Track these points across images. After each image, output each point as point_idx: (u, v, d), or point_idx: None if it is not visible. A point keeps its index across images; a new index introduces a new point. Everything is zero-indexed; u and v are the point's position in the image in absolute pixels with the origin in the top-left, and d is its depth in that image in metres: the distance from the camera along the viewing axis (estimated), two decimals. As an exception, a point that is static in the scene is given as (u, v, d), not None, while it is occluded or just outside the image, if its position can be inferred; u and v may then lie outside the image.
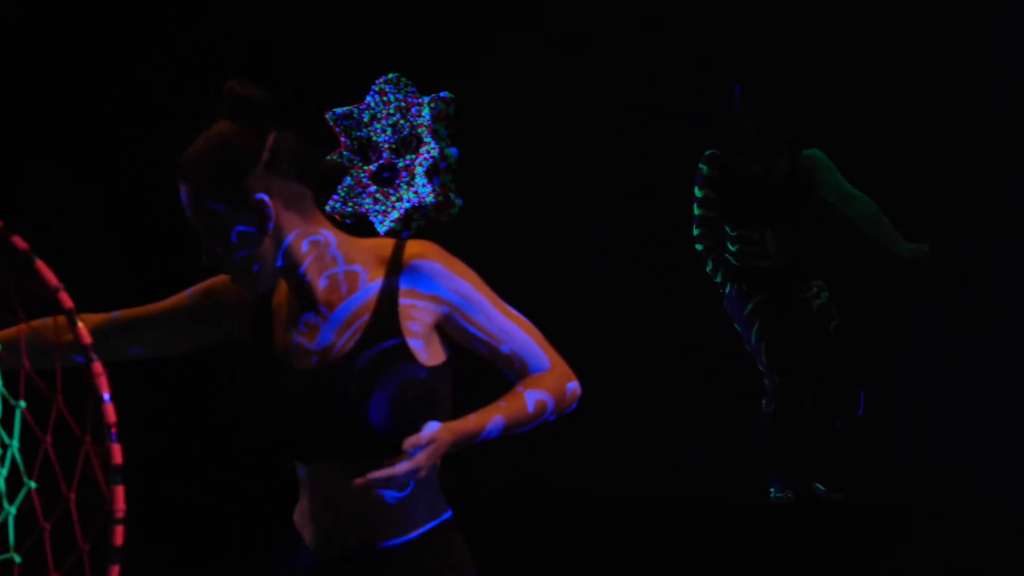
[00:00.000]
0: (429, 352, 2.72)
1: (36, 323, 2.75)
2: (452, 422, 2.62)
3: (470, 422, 2.63)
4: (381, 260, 2.73)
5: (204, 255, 2.73)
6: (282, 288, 2.81)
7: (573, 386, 2.77)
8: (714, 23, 7.04)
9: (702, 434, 6.96)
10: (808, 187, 6.13)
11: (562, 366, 2.77)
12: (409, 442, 2.55)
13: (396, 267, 2.71)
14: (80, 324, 2.39)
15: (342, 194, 6.74)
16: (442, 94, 6.61)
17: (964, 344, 6.82)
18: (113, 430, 2.35)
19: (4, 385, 2.49)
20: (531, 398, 2.69)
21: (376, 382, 2.67)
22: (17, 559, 2.50)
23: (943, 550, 5.39)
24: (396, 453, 2.58)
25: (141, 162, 6.71)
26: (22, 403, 2.47)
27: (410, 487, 2.69)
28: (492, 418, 2.65)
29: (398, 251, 2.73)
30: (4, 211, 2.46)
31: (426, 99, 6.63)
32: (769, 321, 6.16)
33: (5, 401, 2.49)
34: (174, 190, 2.74)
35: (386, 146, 6.66)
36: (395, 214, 6.60)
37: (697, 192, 6.18)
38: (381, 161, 6.67)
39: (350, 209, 6.70)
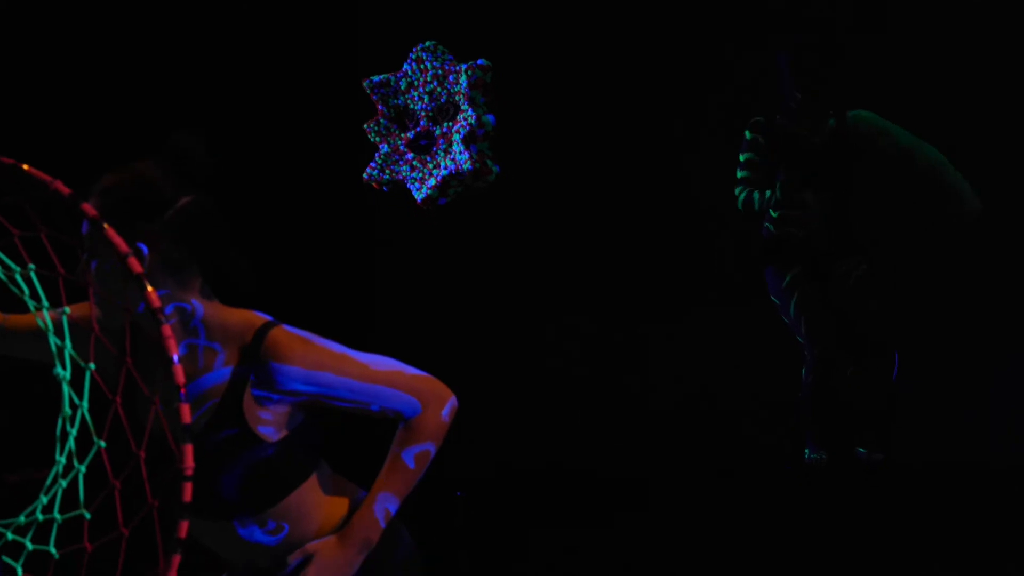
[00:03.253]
0: (285, 426, 2.76)
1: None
2: (339, 534, 2.78)
3: (357, 520, 2.78)
4: (240, 346, 2.73)
5: (79, 269, 2.72)
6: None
7: (447, 410, 2.82)
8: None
9: (741, 404, 6.97)
10: (855, 150, 6.06)
11: (433, 397, 2.81)
12: (292, 556, 2.77)
13: (253, 360, 2.72)
14: (150, 288, 2.44)
15: (379, 161, 6.77)
16: (479, 61, 6.62)
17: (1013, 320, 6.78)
18: (183, 391, 2.40)
19: (74, 348, 2.54)
20: (409, 455, 2.79)
21: (221, 465, 2.73)
22: (87, 515, 2.55)
23: (981, 513, 5.41)
24: (252, 516, 2.76)
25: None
26: (92, 365, 2.52)
27: (284, 531, 2.81)
28: (376, 499, 2.78)
29: (257, 343, 2.72)
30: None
31: (463, 66, 6.64)
32: (807, 294, 6.14)
33: (75, 363, 2.54)
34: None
35: (423, 113, 6.69)
36: (432, 181, 6.63)
37: (740, 157, 6.16)
38: (418, 128, 6.70)
39: (387, 176, 6.74)
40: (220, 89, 7.08)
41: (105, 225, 2.48)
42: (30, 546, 2.60)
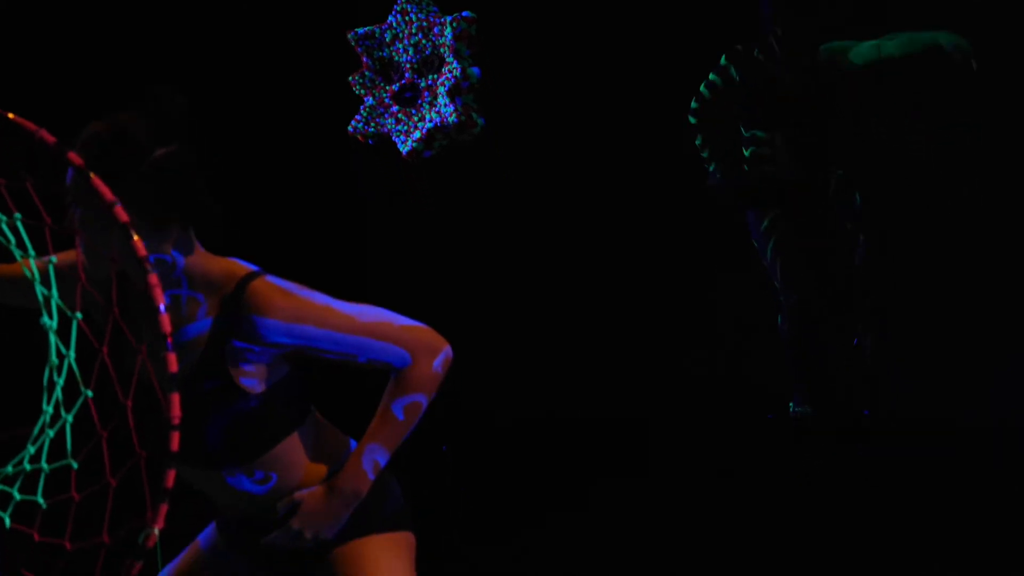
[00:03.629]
0: (268, 378, 2.75)
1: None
2: (327, 484, 2.76)
3: (344, 471, 2.76)
4: (221, 296, 2.72)
5: (66, 219, 2.70)
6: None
7: (440, 360, 2.78)
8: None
9: (723, 351, 7.00)
10: (828, 88, 6.05)
11: (424, 348, 2.76)
12: (280, 504, 2.76)
13: (233, 311, 2.70)
14: (136, 237, 2.43)
15: (364, 114, 6.74)
16: (464, 13, 6.59)
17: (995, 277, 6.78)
18: (168, 340, 2.39)
19: (61, 297, 2.53)
20: (398, 407, 2.76)
21: (206, 416, 2.73)
22: (74, 465, 2.55)
23: (956, 471, 5.43)
24: (239, 465, 2.75)
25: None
26: (78, 314, 2.51)
27: (272, 480, 2.80)
28: (364, 451, 2.75)
29: (238, 294, 2.70)
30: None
31: (448, 18, 6.61)
32: (785, 239, 6.13)
33: (62, 312, 2.53)
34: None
35: (408, 66, 6.66)
36: (417, 134, 6.61)
37: (710, 76, 6.12)
38: (403, 81, 6.67)
39: (372, 129, 6.71)
40: (206, 43, 7.05)
41: (91, 174, 2.47)
42: (17, 496, 2.60)
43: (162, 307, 2.40)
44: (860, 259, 6.17)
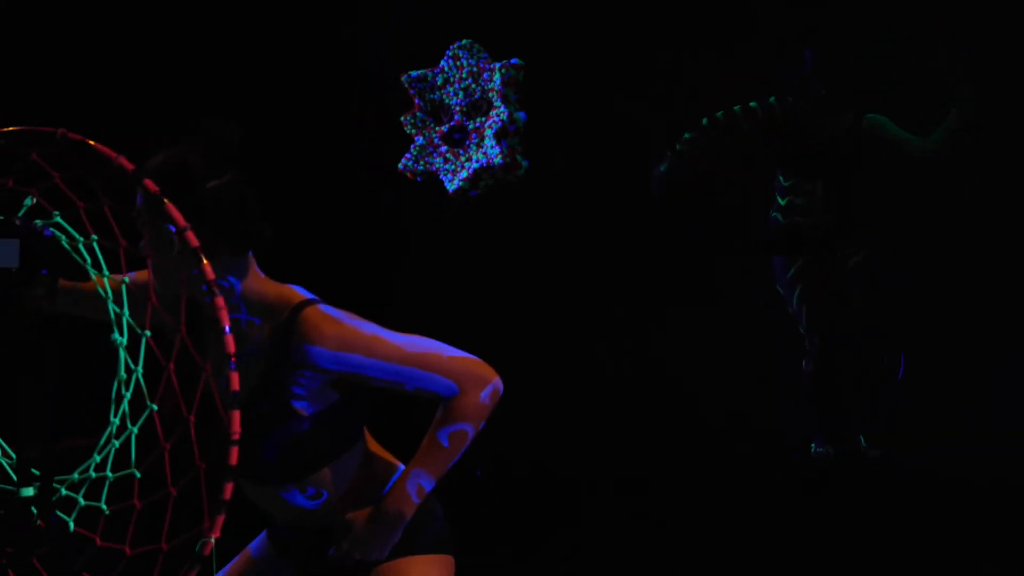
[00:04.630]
0: (318, 402, 2.79)
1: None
2: (373, 508, 2.80)
3: (390, 495, 2.79)
4: (276, 322, 2.76)
5: (140, 242, 2.76)
6: None
7: (488, 391, 2.80)
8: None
9: (749, 392, 7.01)
10: (867, 148, 6.13)
11: (472, 379, 2.79)
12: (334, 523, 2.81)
13: (287, 340, 2.74)
14: (205, 261, 2.50)
15: (415, 153, 6.84)
16: (512, 60, 6.68)
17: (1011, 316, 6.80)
18: (232, 359, 2.46)
19: (134, 315, 2.60)
20: (444, 435, 2.79)
21: (261, 434, 2.77)
22: (137, 475, 2.61)
23: (975, 515, 5.44)
24: (292, 481, 2.80)
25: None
26: (147, 332, 2.58)
27: (323, 496, 2.85)
28: (409, 476, 2.78)
29: (290, 321, 2.74)
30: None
31: (497, 64, 6.70)
32: (810, 286, 6.20)
33: (132, 330, 2.60)
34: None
35: (457, 108, 6.75)
36: (464, 173, 6.70)
37: (736, 108, 6.15)
38: (452, 122, 6.77)
39: (421, 167, 6.81)
40: (273, 86, 7.16)
41: (165, 200, 2.54)
42: (82, 501, 2.66)
43: (227, 328, 2.47)
44: (876, 296, 6.25)
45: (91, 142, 2.54)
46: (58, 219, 2.64)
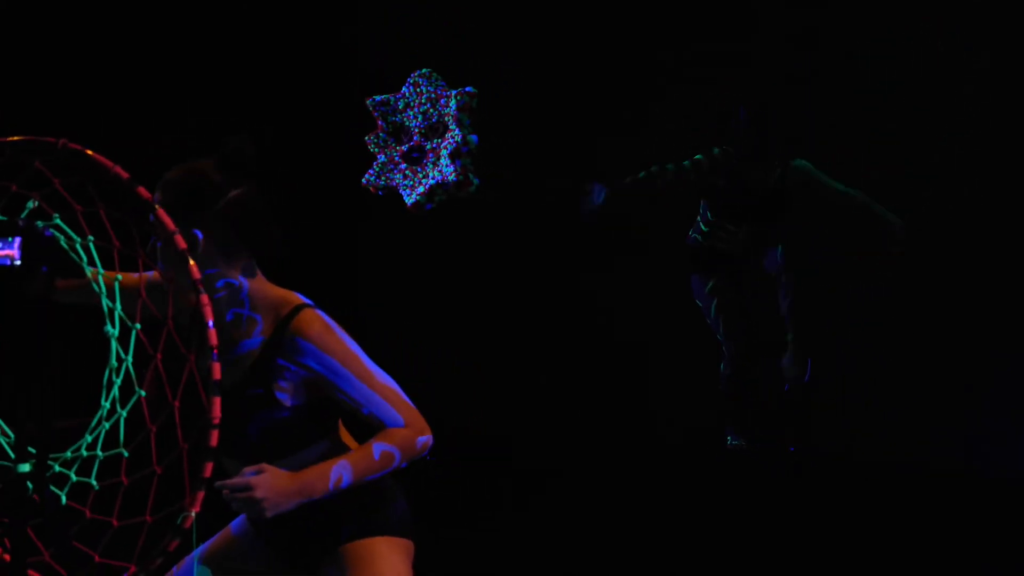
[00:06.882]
0: (296, 397, 2.88)
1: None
2: (293, 471, 2.80)
3: (314, 469, 2.82)
4: (275, 319, 2.86)
5: (151, 247, 2.84)
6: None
7: (424, 440, 2.88)
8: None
9: (675, 392, 7.04)
10: (793, 193, 6.31)
11: (416, 424, 2.88)
12: (244, 470, 2.78)
13: (283, 332, 2.84)
14: (192, 262, 2.58)
15: (377, 169, 6.97)
16: (467, 88, 6.83)
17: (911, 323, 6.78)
18: (215, 351, 2.54)
19: (123, 310, 2.67)
20: (378, 449, 2.85)
21: (248, 417, 2.87)
22: (125, 454, 2.68)
23: (882, 505, 5.46)
24: (270, 461, 2.81)
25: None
26: (137, 325, 2.66)
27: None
28: (337, 464, 2.82)
29: (289, 318, 2.84)
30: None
31: (453, 92, 6.86)
32: (726, 299, 6.39)
33: (123, 322, 2.68)
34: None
35: (417, 130, 6.90)
36: (421, 188, 6.84)
37: (686, 162, 6.26)
38: (412, 143, 6.92)
39: (383, 182, 6.94)
40: (273, 85, 7.20)
41: (157, 207, 2.62)
42: (74, 477, 2.71)
43: (210, 323, 2.55)
44: (788, 307, 6.39)
45: (89, 151, 2.61)
46: (58, 221, 2.69)
